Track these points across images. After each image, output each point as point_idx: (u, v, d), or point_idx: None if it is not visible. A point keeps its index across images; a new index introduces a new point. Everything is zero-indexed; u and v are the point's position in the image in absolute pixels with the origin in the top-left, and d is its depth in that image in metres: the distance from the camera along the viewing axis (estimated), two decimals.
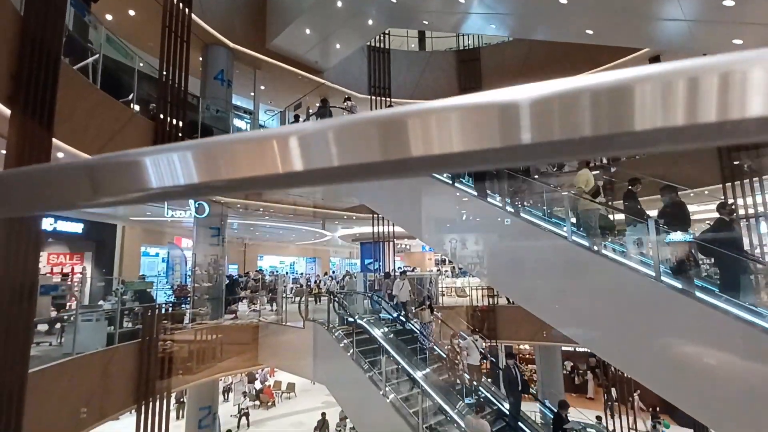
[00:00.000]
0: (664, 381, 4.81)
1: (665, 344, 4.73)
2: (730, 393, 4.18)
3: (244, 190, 0.27)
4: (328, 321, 9.53)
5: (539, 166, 7.68)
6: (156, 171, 0.25)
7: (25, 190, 0.28)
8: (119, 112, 8.12)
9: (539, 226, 6.30)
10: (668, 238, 5.43)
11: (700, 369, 4.41)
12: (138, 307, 8.86)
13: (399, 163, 0.25)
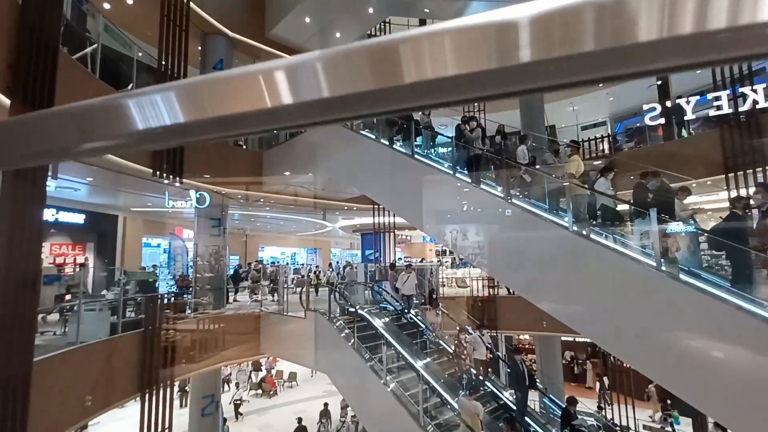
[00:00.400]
0: (663, 370, 4.86)
1: (664, 334, 4.76)
2: (729, 382, 4.22)
3: (233, 130, 0.27)
4: (329, 311, 9.59)
5: (538, 156, 7.66)
6: (141, 113, 0.25)
7: (12, 142, 0.28)
8: None
9: (540, 216, 6.30)
10: (669, 229, 5.43)
11: (700, 359, 4.45)
12: (140, 297, 8.92)
13: (392, 92, 0.24)
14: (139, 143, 0.29)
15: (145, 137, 0.27)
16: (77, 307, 7.34)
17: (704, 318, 4.51)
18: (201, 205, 9.58)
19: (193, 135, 0.29)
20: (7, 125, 0.30)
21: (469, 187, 7.40)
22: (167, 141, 0.29)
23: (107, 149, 0.30)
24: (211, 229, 10.92)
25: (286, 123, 0.27)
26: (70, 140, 0.28)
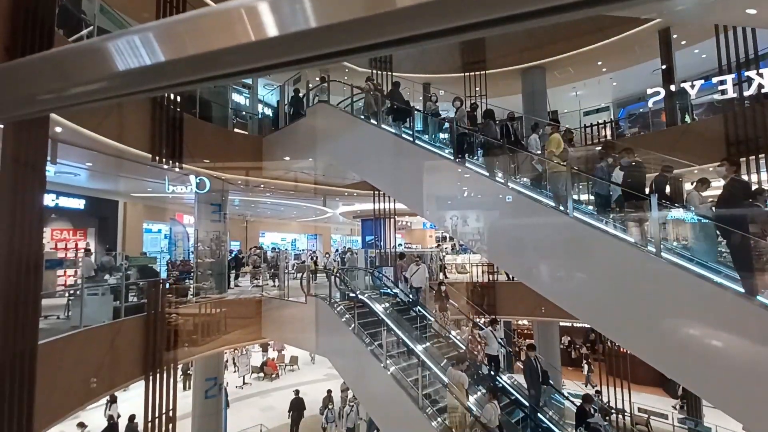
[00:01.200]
0: (659, 353, 4.92)
1: (660, 318, 4.81)
2: (723, 366, 4.27)
3: (217, 70, 0.25)
4: (330, 296, 9.66)
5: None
6: (120, 54, 0.24)
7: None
8: None
9: (540, 202, 6.29)
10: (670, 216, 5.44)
11: (695, 343, 4.50)
12: (142, 282, 8.99)
13: (384, 19, 0.22)
14: (123, 87, 0.28)
15: (127, 80, 0.26)
16: (80, 291, 7.39)
17: (700, 303, 4.54)
18: (201, 190, 9.56)
19: (175, 76, 0.28)
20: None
21: (470, 172, 7.37)
22: (150, 84, 0.28)
23: (92, 94, 0.29)
24: (212, 214, 10.93)
25: (273, 59, 0.25)
26: (54, 85, 0.27)
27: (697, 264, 4.86)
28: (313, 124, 10.32)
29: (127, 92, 0.29)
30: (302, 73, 13.28)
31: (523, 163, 7.53)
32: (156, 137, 8.60)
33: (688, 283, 4.59)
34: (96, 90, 0.28)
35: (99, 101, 0.35)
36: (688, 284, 4.60)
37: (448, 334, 10.32)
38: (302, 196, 16.39)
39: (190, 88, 1.57)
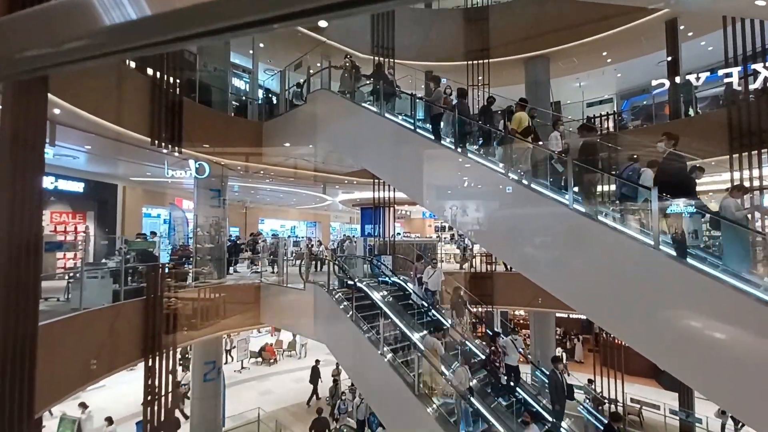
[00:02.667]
0: (655, 345, 4.96)
1: (655, 311, 4.84)
2: (719, 358, 4.32)
3: (207, 25, 0.24)
4: (328, 283, 9.71)
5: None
6: (105, 9, 0.23)
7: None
8: (116, 69, 7.92)
9: (540, 193, 6.27)
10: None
11: (690, 335, 4.53)
12: (142, 266, 9.01)
13: None
14: (111, 44, 0.27)
15: (113, 36, 0.25)
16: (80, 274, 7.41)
17: (696, 297, 4.56)
18: (200, 175, 9.52)
19: (164, 31, 0.26)
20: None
21: (471, 162, 7.33)
22: (139, 40, 0.27)
23: (79, 51, 0.28)
24: (211, 200, 10.91)
25: (264, 13, 0.24)
26: (41, 42, 0.26)
27: (697, 259, 4.87)
28: (313, 110, 10.24)
29: (115, 49, 0.28)
30: (303, 59, 13.14)
31: (524, 153, 7.48)
32: (155, 121, 8.54)
33: (687, 277, 4.60)
34: (83, 47, 0.27)
35: (87, 60, 0.34)
36: (686, 279, 4.61)
37: (464, 340, 9.91)
38: (302, 184, 16.35)
39: (181, 46, 1.52)
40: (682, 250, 4.78)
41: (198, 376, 11.43)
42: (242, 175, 12.65)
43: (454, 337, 9.78)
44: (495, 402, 8.12)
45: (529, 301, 13.63)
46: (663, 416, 12.99)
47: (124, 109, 8.00)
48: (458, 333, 9.86)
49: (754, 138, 9.15)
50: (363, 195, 19.05)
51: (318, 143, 10.34)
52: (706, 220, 5.52)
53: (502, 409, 7.98)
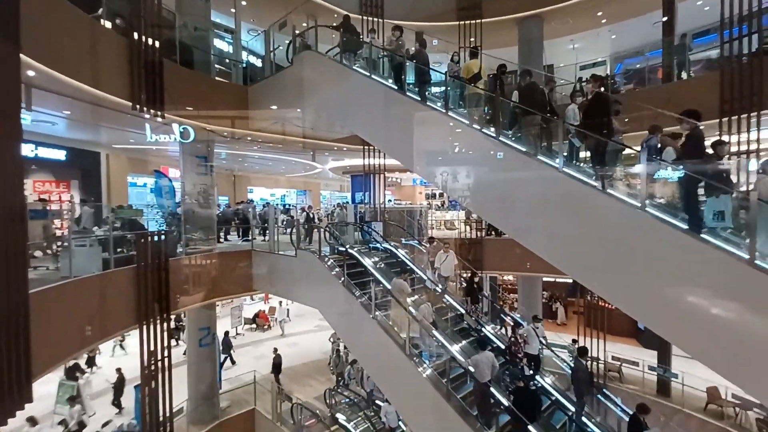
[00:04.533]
0: (640, 305, 5.14)
1: (642, 272, 4.97)
2: (698, 315, 4.49)
3: None
4: (320, 250, 9.76)
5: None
6: None
7: None
8: (91, 28, 7.51)
9: (531, 155, 6.24)
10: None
11: (674, 294, 4.69)
12: (130, 234, 8.94)
13: None
14: None
15: None
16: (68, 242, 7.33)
17: (680, 257, 4.68)
18: (185, 139, 9.24)
19: None
20: None
21: (462, 126, 7.22)
22: None
23: None
24: (198, 167, 10.68)
25: None
26: None
27: (681, 220, 4.95)
28: (299, 73, 9.89)
29: None
30: (288, 19, 12.57)
31: (513, 116, 7.38)
32: (135, 84, 8.20)
33: (671, 237, 4.70)
34: None
35: None
36: (670, 239, 4.71)
37: (480, 329, 9.58)
38: (291, 150, 16.08)
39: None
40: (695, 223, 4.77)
41: (193, 342, 11.63)
42: (229, 141, 12.36)
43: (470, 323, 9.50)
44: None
45: (518, 266, 13.96)
46: (642, 372, 13.68)
47: (102, 72, 7.65)
48: (470, 317, 9.61)
49: (745, 101, 9.14)
50: (353, 162, 18.86)
51: (306, 107, 10.06)
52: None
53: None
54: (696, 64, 11.41)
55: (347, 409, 11.94)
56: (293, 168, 23.76)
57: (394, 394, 8.44)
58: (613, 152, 6.08)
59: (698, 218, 4.74)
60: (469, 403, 6.94)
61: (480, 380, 6.93)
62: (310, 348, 18.45)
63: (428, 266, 10.38)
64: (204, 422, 10.96)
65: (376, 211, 15.12)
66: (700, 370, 9.89)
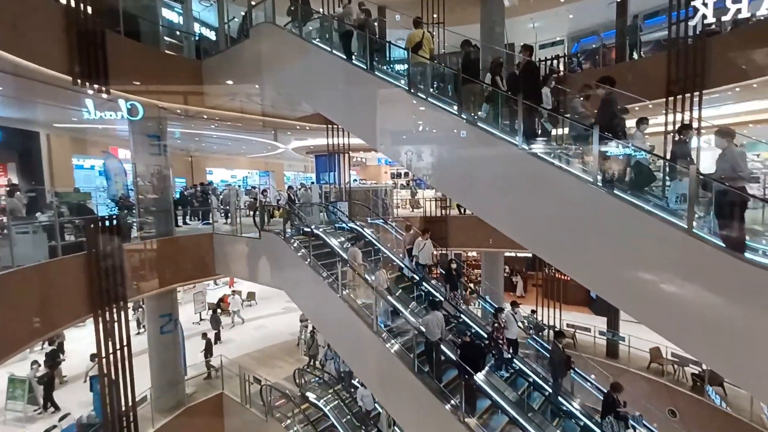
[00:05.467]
0: (594, 276, 5.44)
1: (592, 242, 5.26)
2: (643, 281, 4.83)
3: None
4: (284, 231, 9.60)
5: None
6: None
7: None
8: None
9: (493, 134, 6.34)
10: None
11: (627, 265, 4.99)
12: (78, 220, 8.40)
13: None
14: None
15: None
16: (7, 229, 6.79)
17: (630, 229, 4.97)
18: (133, 116, 8.61)
19: None
20: None
21: (425, 104, 7.20)
22: None
23: None
24: (150, 147, 10.05)
25: None
26: None
27: (631, 195, 5.24)
28: (257, 47, 9.43)
29: None
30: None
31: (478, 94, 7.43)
32: (74, 56, 7.52)
33: (621, 211, 4.97)
34: None
35: None
36: (620, 212, 4.98)
37: (459, 314, 9.56)
38: (251, 130, 15.50)
39: None
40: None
41: (154, 330, 11.25)
42: (183, 119, 11.71)
43: (448, 310, 9.34)
44: (496, 375, 8.23)
45: (481, 242, 14.38)
46: (593, 337, 14.68)
47: (36, 42, 6.96)
48: (452, 305, 9.57)
49: (689, 82, 9.67)
50: (317, 142, 18.48)
51: (264, 83, 9.64)
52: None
53: (502, 382, 8.08)
54: (647, 44, 11.90)
55: (317, 388, 12.07)
56: (254, 148, 22.96)
57: (365, 372, 8.61)
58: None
59: (609, 179, 5.18)
60: (422, 362, 7.26)
61: (431, 338, 7.31)
62: (278, 330, 18.37)
63: (405, 254, 10.28)
64: (170, 409, 10.75)
65: (341, 190, 15.01)
66: (645, 333, 10.76)
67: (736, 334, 4.13)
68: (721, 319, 4.20)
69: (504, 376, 8.24)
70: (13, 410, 11.40)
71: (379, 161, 25.94)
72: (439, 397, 6.79)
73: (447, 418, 6.63)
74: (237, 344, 16.78)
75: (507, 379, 8.24)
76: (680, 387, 11.61)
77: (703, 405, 10.85)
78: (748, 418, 9.86)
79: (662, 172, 5.88)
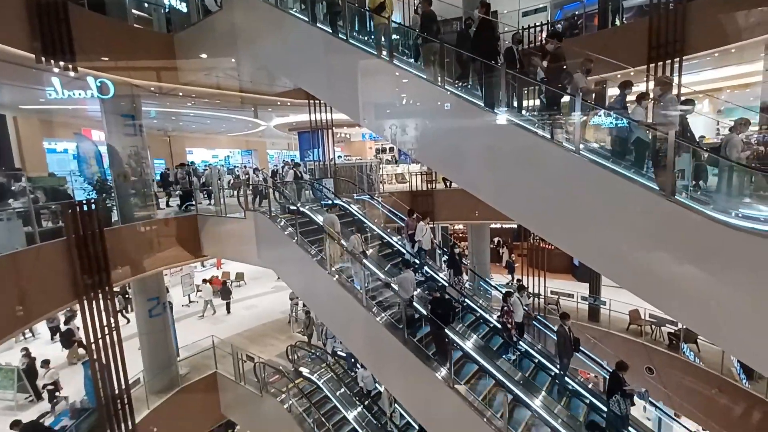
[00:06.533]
0: (576, 243, 5.57)
1: (574, 210, 5.35)
2: (623, 246, 4.97)
3: None
4: (270, 210, 9.50)
5: None
6: None
7: None
8: None
9: (475, 103, 6.28)
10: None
11: (606, 231, 5.11)
12: (55, 205, 8.14)
13: None
14: None
15: None
16: None
17: (612, 196, 5.06)
18: (105, 95, 8.22)
19: None
20: None
21: (408, 75, 7.05)
22: None
23: None
24: (125, 127, 9.67)
25: None
26: None
27: (613, 162, 5.30)
28: (231, 18, 9.02)
29: None
30: None
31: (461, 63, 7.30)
32: (36, 31, 7.09)
33: (602, 177, 5.05)
34: None
35: None
36: (601, 179, 5.06)
37: (463, 299, 9.55)
38: (230, 107, 15.05)
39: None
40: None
41: (142, 313, 11.19)
42: (158, 97, 11.27)
43: (452, 294, 9.31)
44: (501, 358, 8.34)
45: (467, 215, 14.52)
46: (576, 303, 15.19)
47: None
48: (456, 290, 9.57)
49: (669, 47, 9.68)
50: (299, 118, 18.09)
51: (241, 57, 9.28)
52: None
53: (509, 365, 8.19)
54: (629, 11, 11.80)
55: (310, 363, 12.29)
56: (234, 126, 22.38)
57: (356, 345, 8.76)
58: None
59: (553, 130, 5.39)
60: (396, 320, 7.54)
61: (405, 296, 7.62)
62: (269, 309, 18.48)
63: (407, 239, 10.19)
64: (164, 391, 10.83)
65: (326, 167, 14.84)
66: (624, 296, 11.18)
67: (708, 293, 4.31)
68: (694, 279, 4.37)
69: (511, 358, 8.41)
70: (4, 399, 11.35)
71: (363, 137, 25.63)
72: (426, 362, 6.97)
73: (435, 381, 6.83)
74: (228, 324, 16.86)
75: (514, 361, 8.38)
76: (657, 346, 12.20)
77: (678, 361, 11.47)
78: (719, 371, 10.47)
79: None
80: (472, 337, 8.53)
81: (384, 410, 10.18)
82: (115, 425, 8.53)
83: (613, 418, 6.70)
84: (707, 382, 10.57)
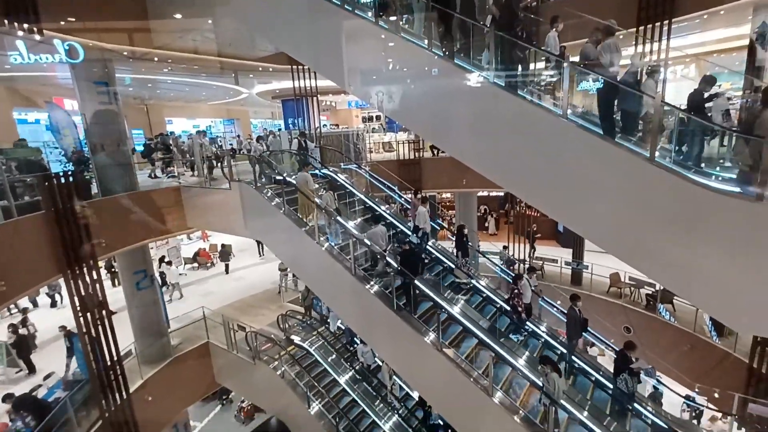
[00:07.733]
0: (564, 210, 5.64)
1: (563, 176, 5.38)
2: (605, 209, 5.05)
3: None
4: (255, 180, 9.34)
5: None
6: None
7: None
8: None
9: (464, 68, 6.14)
10: None
11: (589, 193, 5.17)
12: (30, 178, 7.84)
13: None
14: None
15: None
16: None
17: (595, 160, 5.09)
18: (74, 59, 7.74)
19: None
20: None
21: (394, 38, 6.81)
22: None
23: None
24: (98, 95, 9.21)
25: None
26: None
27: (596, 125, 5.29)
28: None
29: None
30: None
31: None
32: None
33: (586, 141, 5.05)
34: None
35: None
36: (585, 143, 5.07)
37: (471, 282, 9.45)
38: (209, 73, 14.44)
39: None
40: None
41: (129, 286, 11.12)
42: (132, 62, 10.72)
43: (460, 276, 9.38)
44: (510, 338, 8.44)
45: (455, 183, 14.54)
46: (560, 268, 15.62)
47: None
48: (464, 273, 9.47)
49: (659, 8, 9.52)
50: (282, 85, 17.53)
51: (217, 17, 8.79)
52: None
53: (516, 345, 8.34)
54: None
55: (301, 331, 12.51)
56: (215, 94, 21.59)
57: (347, 313, 8.90)
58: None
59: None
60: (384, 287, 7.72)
61: (376, 249, 7.99)
62: (257, 280, 18.56)
63: (413, 220, 9.74)
64: (156, 361, 10.95)
65: (312, 136, 14.54)
66: (605, 260, 11.50)
67: (684, 253, 4.44)
68: (672, 240, 4.49)
69: (519, 339, 8.56)
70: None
71: (349, 105, 25.07)
72: (414, 326, 7.15)
73: (423, 344, 7.03)
74: (218, 296, 16.92)
75: (521, 342, 8.54)
76: (635, 307, 12.73)
77: (655, 321, 12.03)
78: (692, 329, 11.04)
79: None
80: (481, 320, 8.59)
81: (384, 383, 10.50)
82: (110, 395, 8.64)
83: (620, 394, 7.00)
84: (681, 339, 11.16)
